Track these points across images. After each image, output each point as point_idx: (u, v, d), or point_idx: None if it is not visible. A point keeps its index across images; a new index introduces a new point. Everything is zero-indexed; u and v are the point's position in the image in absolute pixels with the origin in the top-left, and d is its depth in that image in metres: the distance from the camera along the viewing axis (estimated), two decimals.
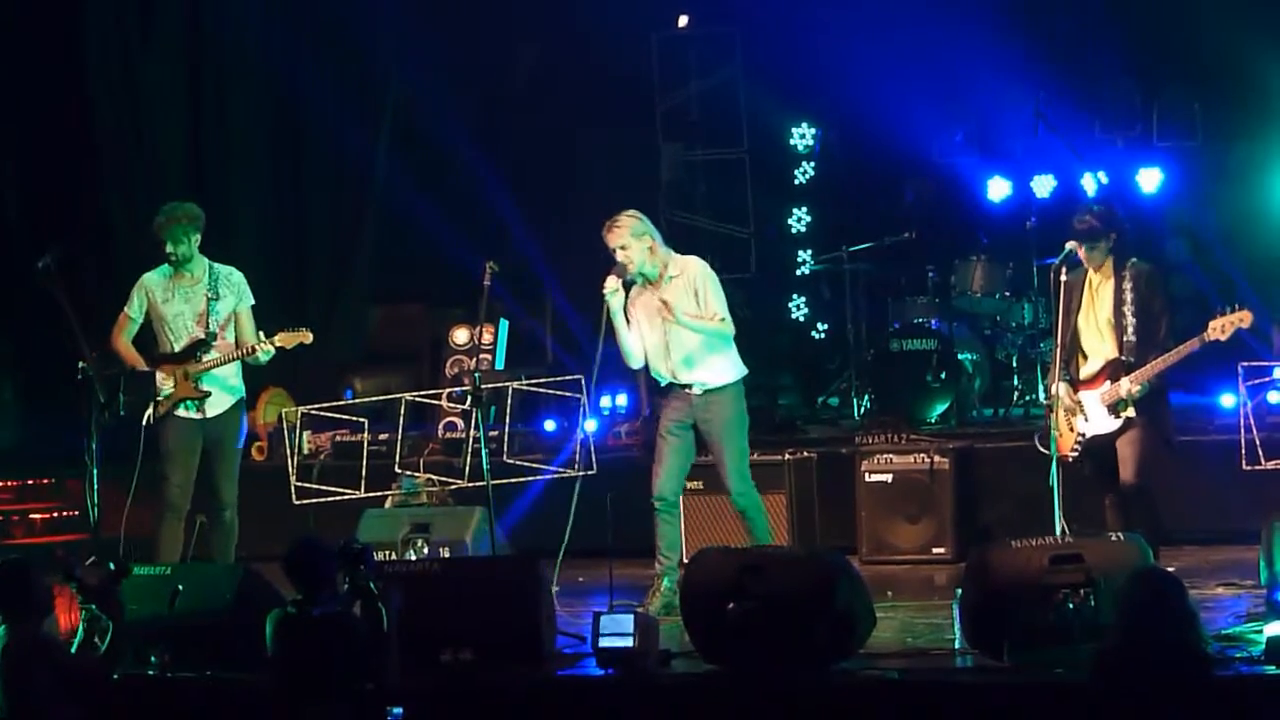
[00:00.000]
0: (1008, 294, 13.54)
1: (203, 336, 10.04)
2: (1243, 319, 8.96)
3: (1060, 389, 9.25)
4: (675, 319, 9.62)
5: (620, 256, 9.67)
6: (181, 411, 10.03)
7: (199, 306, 10.07)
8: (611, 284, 9.64)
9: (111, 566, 8.21)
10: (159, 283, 10.17)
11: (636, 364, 9.91)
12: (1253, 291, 11.36)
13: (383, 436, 11.87)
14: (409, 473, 11.45)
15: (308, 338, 10.18)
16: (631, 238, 9.67)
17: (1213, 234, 13.73)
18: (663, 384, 9.91)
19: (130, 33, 14.55)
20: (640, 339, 9.81)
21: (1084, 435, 9.26)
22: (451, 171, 14.54)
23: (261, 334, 10.13)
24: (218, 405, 10.08)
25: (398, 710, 7.54)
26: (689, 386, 9.75)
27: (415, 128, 14.78)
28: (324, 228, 14.77)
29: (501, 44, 14.51)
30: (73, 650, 8.02)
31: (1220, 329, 8.96)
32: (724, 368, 9.81)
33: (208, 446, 10.08)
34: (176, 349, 10.06)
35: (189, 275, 10.11)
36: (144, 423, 9.95)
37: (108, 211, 14.70)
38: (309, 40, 14.58)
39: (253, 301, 10.23)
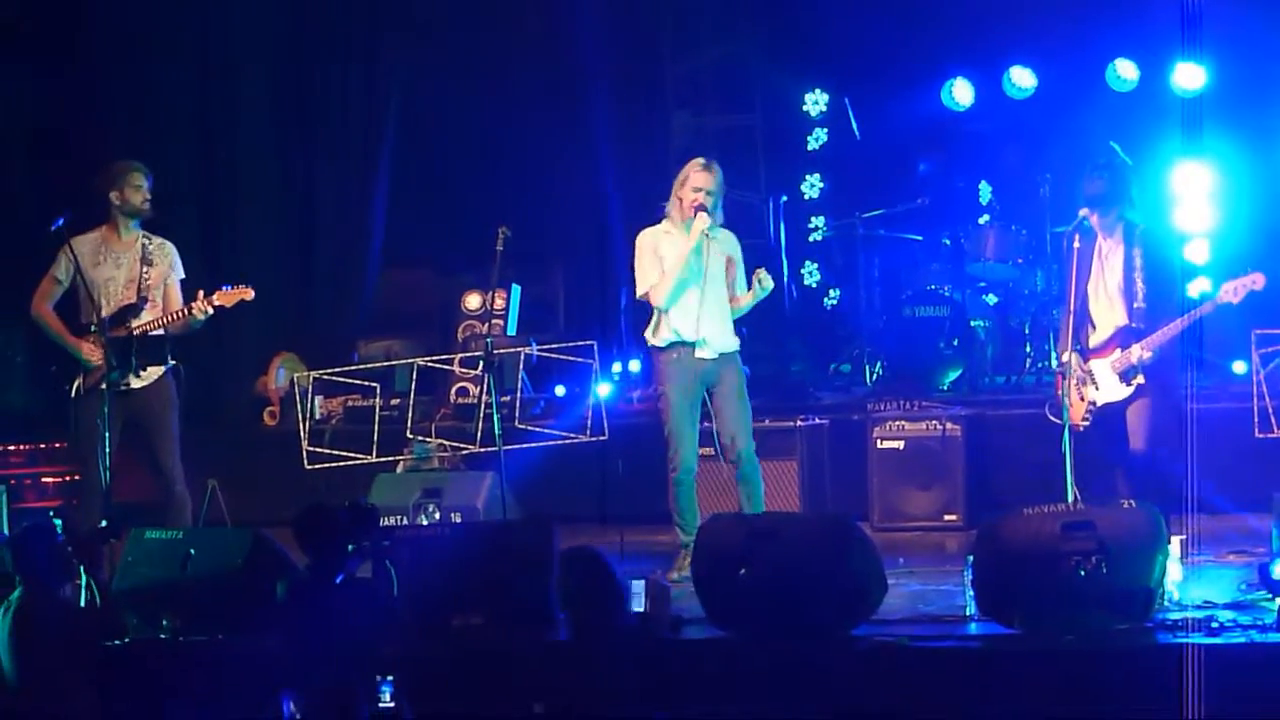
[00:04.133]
0: (1020, 260, 13.50)
1: (134, 301, 9.62)
2: (1255, 281, 8.94)
3: (1071, 359, 9.23)
4: (764, 291, 9.71)
5: (704, 199, 9.69)
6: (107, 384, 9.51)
7: (131, 271, 9.64)
8: (706, 219, 9.65)
9: (104, 524, 8.22)
10: (90, 246, 9.70)
11: (670, 305, 9.77)
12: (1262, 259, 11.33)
13: (394, 401, 11.86)
14: (421, 438, 11.45)
15: (249, 294, 9.59)
16: (718, 187, 9.75)
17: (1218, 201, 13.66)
18: (665, 344, 9.79)
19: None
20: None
21: (1095, 404, 9.24)
22: (461, 136, 14.49)
23: (201, 292, 9.61)
24: (147, 376, 9.62)
25: (389, 680, 7.52)
26: (698, 346, 9.71)
27: (425, 94, 14.72)
28: (333, 191, 14.70)
29: (512, 11, 14.42)
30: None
31: (1233, 291, 8.95)
32: (735, 334, 9.91)
33: (140, 420, 9.62)
34: (105, 315, 9.60)
35: (121, 239, 9.71)
36: (72, 395, 9.56)
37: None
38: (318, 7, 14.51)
39: (183, 275, 9.83)
